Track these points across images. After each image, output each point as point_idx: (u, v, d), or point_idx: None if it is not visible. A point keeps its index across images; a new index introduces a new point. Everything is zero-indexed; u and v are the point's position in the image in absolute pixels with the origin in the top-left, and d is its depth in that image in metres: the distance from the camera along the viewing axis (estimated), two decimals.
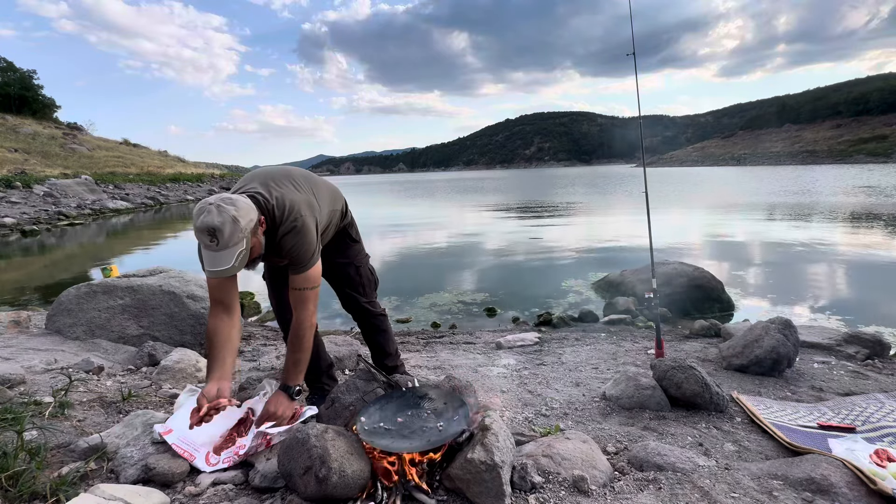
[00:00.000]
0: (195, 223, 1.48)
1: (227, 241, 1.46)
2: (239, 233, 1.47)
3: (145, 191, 26.28)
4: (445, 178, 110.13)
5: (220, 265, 1.48)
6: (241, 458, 1.60)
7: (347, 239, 2.11)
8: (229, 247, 1.47)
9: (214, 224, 1.44)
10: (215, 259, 1.48)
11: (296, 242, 1.64)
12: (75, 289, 3.30)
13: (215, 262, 1.49)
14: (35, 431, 1.68)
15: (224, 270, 1.49)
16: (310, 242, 1.66)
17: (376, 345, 2.29)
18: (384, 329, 2.27)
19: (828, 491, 1.43)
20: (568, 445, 1.63)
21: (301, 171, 1.92)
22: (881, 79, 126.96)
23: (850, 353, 3.01)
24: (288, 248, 1.64)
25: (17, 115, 36.00)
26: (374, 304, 2.23)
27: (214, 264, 1.49)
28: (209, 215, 1.46)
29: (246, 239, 1.50)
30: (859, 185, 23.65)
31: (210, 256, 1.49)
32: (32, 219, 15.00)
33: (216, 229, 1.44)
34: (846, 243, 8.45)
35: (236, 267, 1.50)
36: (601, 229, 11.95)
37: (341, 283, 2.14)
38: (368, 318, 2.22)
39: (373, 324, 2.24)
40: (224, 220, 1.45)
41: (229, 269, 1.49)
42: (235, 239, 1.47)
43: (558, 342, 3.71)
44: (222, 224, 1.44)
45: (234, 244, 1.47)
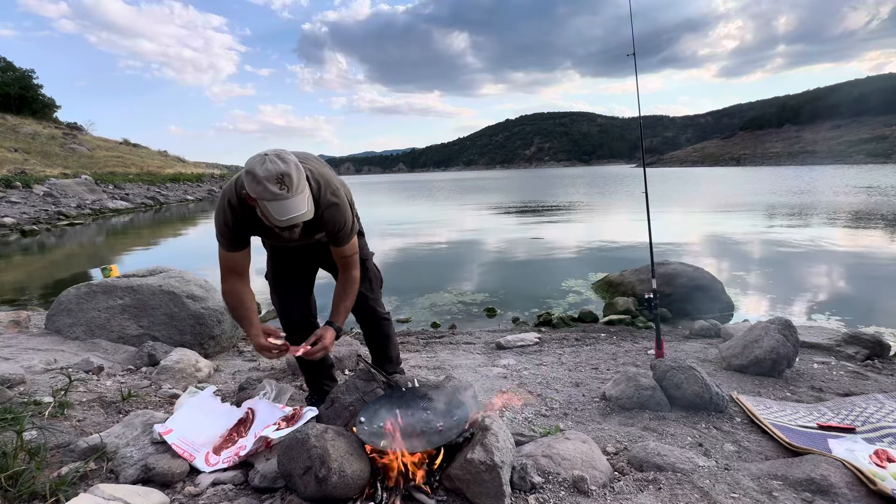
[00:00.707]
0: (256, 172, 1.38)
1: (296, 185, 1.41)
2: (304, 179, 1.45)
3: (145, 191, 26.28)
4: (445, 178, 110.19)
5: (295, 210, 1.42)
6: (241, 459, 1.60)
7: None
8: (300, 192, 1.43)
9: (283, 170, 1.38)
10: (289, 206, 1.41)
11: (336, 214, 1.66)
12: (75, 289, 3.30)
13: (290, 208, 1.41)
14: (35, 431, 1.68)
15: (302, 215, 1.44)
16: (348, 213, 1.70)
17: (379, 349, 2.24)
18: (388, 334, 2.21)
19: (828, 491, 1.43)
20: (568, 446, 1.63)
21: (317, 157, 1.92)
22: (881, 79, 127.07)
23: (850, 354, 3.01)
24: (330, 221, 1.65)
25: (17, 114, 36.00)
26: (380, 304, 2.17)
27: (289, 211, 1.41)
28: (273, 163, 1.39)
29: (309, 185, 1.49)
30: (859, 185, 23.66)
31: (281, 206, 1.41)
32: (32, 219, 15.00)
33: (285, 174, 1.38)
34: (846, 243, 8.45)
35: (310, 212, 1.46)
36: (601, 229, 11.95)
37: None
38: (373, 318, 2.15)
39: (377, 326, 2.18)
40: (289, 166, 1.41)
41: (307, 212, 1.45)
42: (303, 185, 1.44)
43: (558, 342, 3.72)
44: (289, 170, 1.39)
45: (303, 189, 1.44)
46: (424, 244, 10.15)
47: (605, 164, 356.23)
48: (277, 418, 1.78)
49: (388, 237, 11.53)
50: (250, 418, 1.83)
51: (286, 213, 1.42)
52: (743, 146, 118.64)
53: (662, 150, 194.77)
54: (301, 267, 2.02)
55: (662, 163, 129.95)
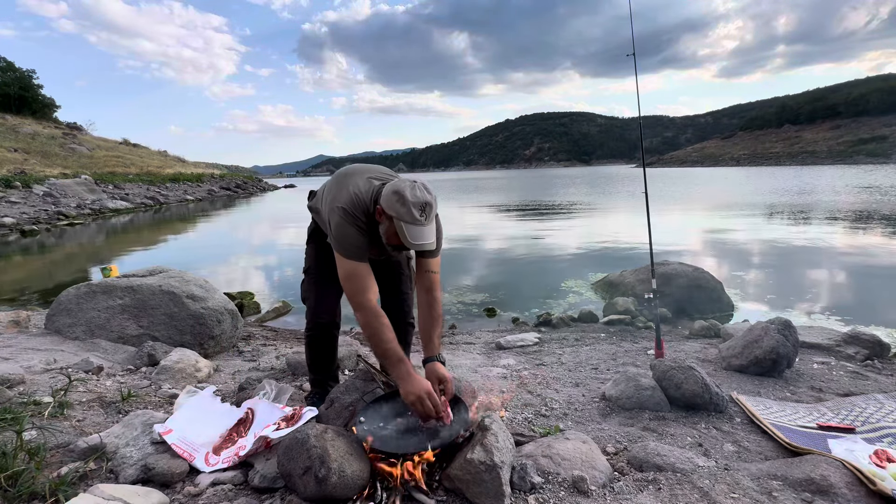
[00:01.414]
0: (407, 196, 1.52)
1: (432, 216, 1.57)
2: (436, 211, 1.60)
3: (145, 191, 26.27)
4: (445, 178, 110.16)
5: (426, 238, 1.56)
6: (241, 459, 1.60)
7: None
8: (432, 223, 1.58)
9: (429, 200, 1.55)
10: (422, 233, 1.55)
11: (439, 231, 1.75)
12: (75, 289, 3.30)
13: (422, 235, 1.55)
14: (34, 431, 1.68)
15: (429, 244, 1.57)
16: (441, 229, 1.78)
17: None
18: (409, 342, 2.18)
19: (827, 491, 1.43)
20: (567, 446, 1.63)
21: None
22: (881, 79, 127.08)
23: (850, 354, 3.01)
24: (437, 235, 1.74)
25: (17, 114, 35.97)
26: (412, 309, 2.14)
27: (421, 238, 1.55)
28: (422, 192, 1.55)
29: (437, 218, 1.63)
30: (859, 185, 23.67)
31: (417, 231, 1.54)
32: (32, 219, 14.99)
33: (429, 205, 1.54)
34: (846, 243, 8.45)
35: (434, 243, 1.60)
36: (601, 229, 11.95)
37: (394, 280, 2.05)
38: (403, 323, 2.11)
39: (403, 331, 2.11)
40: (433, 197, 1.57)
41: (432, 242, 1.58)
42: (434, 216, 1.59)
43: (558, 342, 3.72)
44: (432, 201, 1.55)
45: (433, 222, 1.60)
46: None
47: (605, 164, 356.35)
48: (277, 418, 1.78)
49: None
50: (250, 418, 1.83)
51: (419, 238, 1.56)
52: (743, 146, 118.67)
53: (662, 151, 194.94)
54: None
55: (662, 163, 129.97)
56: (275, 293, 6.19)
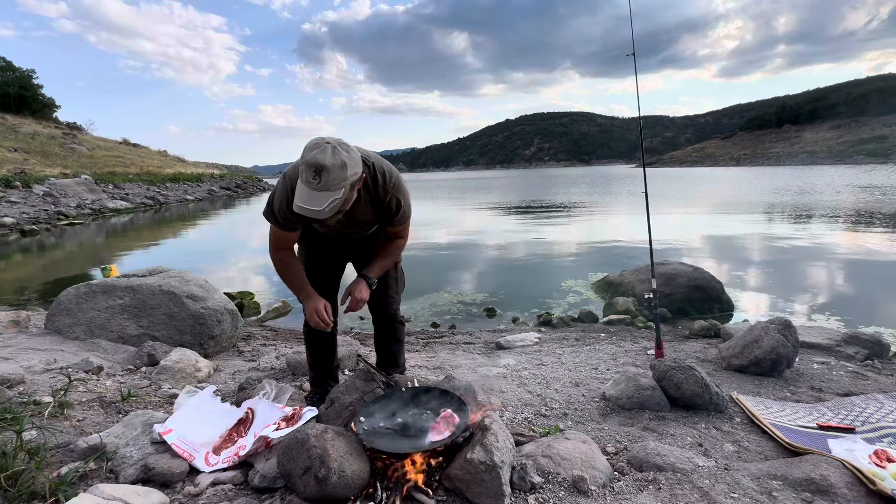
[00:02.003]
0: (305, 156, 1.45)
1: (328, 182, 1.42)
2: (342, 179, 1.45)
3: (145, 190, 26.26)
4: (445, 178, 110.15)
5: (311, 204, 1.44)
6: (241, 459, 1.60)
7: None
8: (328, 189, 1.44)
9: (324, 162, 1.41)
10: (310, 197, 1.45)
11: (402, 199, 1.77)
12: (74, 289, 3.30)
13: (309, 200, 1.45)
14: (34, 431, 1.68)
15: (313, 212, 1.45)
16: (408, 199, 1.83)
17: (389, 353, 2.22)
18: (400, 339, 2.21)
19: (827, 491, 1.44)
20: (567, 446, 1.63)
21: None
22: (881, 79, 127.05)
23: (850, 354, 3.01)
24: (395, 205, 1.77)
25: (17, 114, 35.96)
26: (399, 309, 2.17)
27: (307, 201, 1.45)
28: (322, 153, 1.43)
29: (344, 189, 1.48)
30: (858, 184, 23.67)
31: (306, 193, 1.45)
32: (32, 218, 14.98)
33: (323, 168, 1.41)
34: (846, 243, 8.45)
35: (325, 212, 1.46)
36: (601, 229, 11.95)
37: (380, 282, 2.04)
38: (391, 322, 2.15)
39: (393, 330, 2.17)
40: (335, 161, 1.43)
41: (318, 211, 1.45)
42: (337, 184, 1.44)
43: (558, 342, 3.72)
44: (332, 165, 1.42)
45: (334, 189, 1.45)
46: (424, 244, 10.14)
47: (605, 164, 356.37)
48: (277, 418, 1.78)
49: None
50: (250, 418, 1.83)
51: (305, 200, 1.45)
52: (743, 146, 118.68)
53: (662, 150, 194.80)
54: (333, 264, 2.06)
55: (662, 163, 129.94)
56: (275, 293, 6.18)
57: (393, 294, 2.11)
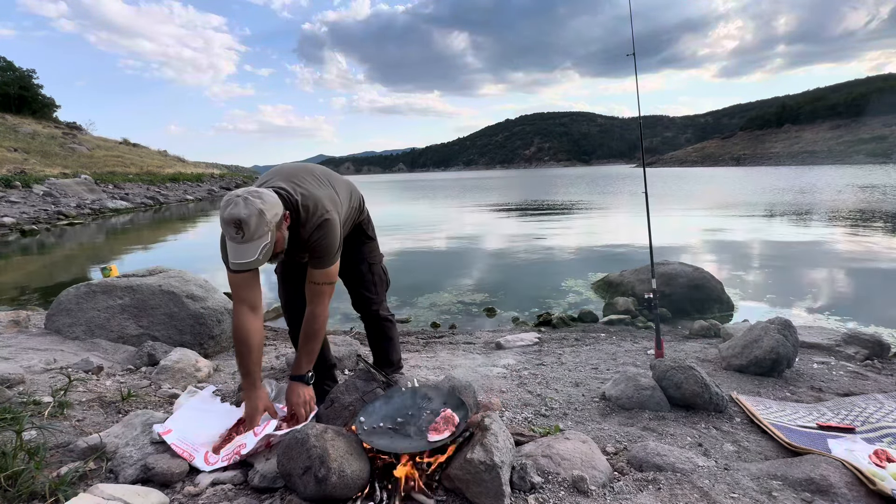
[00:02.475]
0: (222, 214, 1.50)
1: (252, 233, 1.47)
2: (264, 226, 1.48)
3: (145, 190, 26.26)
4: (445, 177, 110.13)
5: (244, 257, 1.49)
6: (241, 458, 1.60)
7: (363, 236, 2.11)
8: (254, 239, 1.48)
9: (241, 216, 1.45)
10: (240, 251, 1.50)
11: (323, 238, 1.67)
12: (74, 288, 3.30)
13: (240, 254, 1.50)
14: (34, 431, 1.68)
15: (248, 263, 1.50)
16: (335, 238, 1.70)
17: (381, 351, 2.26)
18: (390, 336, 2.24)
19: (827, 491, 1.44)
20: (567, 445, 1.63)
21: (321, 167, 1.94)
22: (881, 80, 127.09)
23: (850, 354, 3.01)
24: (314, 244, 1.68)
25: (17, 114, 35.96)
26: (384, 307, 2.20)
27: (239, 256, 1.50)
28: (236, 207, 1.47)
29: (271, 232, 1.51)
30: (858, 184, 23.66)
31: (235, 249, 1.50)
32: (32, 218, 14.99)
33: (242, 221, 1.45)
34: (846, 243, 8.45)
35: (260, 260, 1.51)
36: (601, 229, 11.95)
37: (353, 281, 2.12)
38: (376, 321, 2.19)
39: (380, 328, 2.21)
40: (251, 212, 1.46)
41: (253, 261, 1.50)
42: (260, 232, 1.48)
43: (558, 342, 3.72)
44: (248, 216, 1.45)
45: (259, 237, 1.48)
46: (424, 244, 10.15)
47: (605, 164, 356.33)
48: (278, 417, 1.78)
49: (388, 237, 11.52)
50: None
51: (236, 255, 1.51)
52: (743, 146, 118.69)
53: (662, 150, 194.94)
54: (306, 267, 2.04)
55: (662, 163, 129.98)
56: (274, 293, 6.19)
57: (370, 295, 2.13)
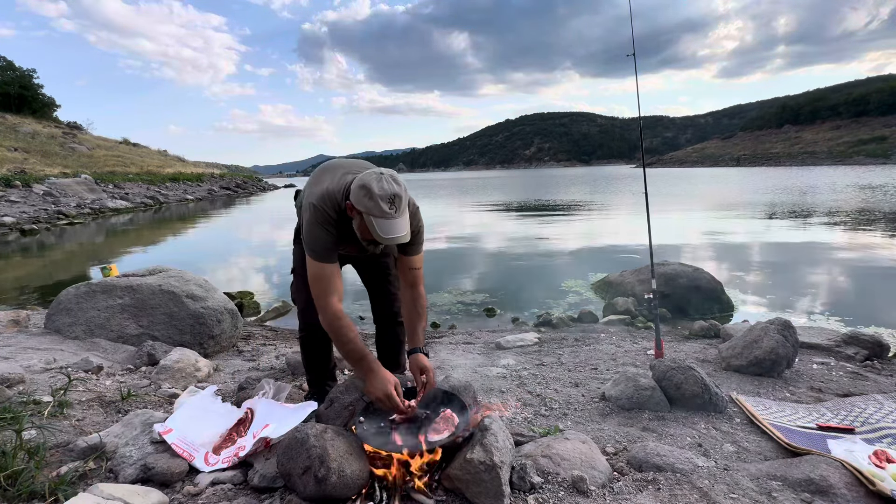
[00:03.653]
0: (374, 190, 1.47)
1: (403, 208, 1.51)
2: (408, 202, 1.55)
3: (145, 190, 26.26)
4: (445, 177, 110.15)
5: (398, 231, 1.50)
6: (240, 459, 1.60)
7: None
8: (404, 215, 1.52)
9: (397, 191, 1.48)
10: (393, 226, 1.50)
11: (419, 222, 1.73)
12: (74, 288, 3.30)
13: (393, 228, 1.50)
14: (34, 431, 1.68)
15: (402, 237, 1.52)
16: (422, 225, 1.78)
17: (391, 354, 2.21)
18: (402, 340, 2.19)
19: (827, 492, 1.44)
20: (567, 446, 1.63)
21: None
22: (881, 80, 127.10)
23: (849, 354, 3.01)
24: (417, 230, 1.71)
25: (17, 114, 35.94)
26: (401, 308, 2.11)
27: (392, 231, 1.50)
28: (389, 184, 1.49)
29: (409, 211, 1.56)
30: (858, 184, 23.67)
31: (388, 224, 1.49)
32: (32, 218, 14.98)
33: (398, 196, 1.48)
34: (846, 244, 8.45)
35: (407, 236, 1.54)
36: (601, 229, 11.95)
37: (380, 279, 2.08)
38: (393, 323, 2.14)
39: (394, 332, 2.17)
40: (402, 188, 1.51)
41: (405, 235, 1.52)
42: (406, 207, 1.54)
43: (558, 343, 3.71)
44: (400, 192, 1.50)
45: (405, 212, 1.53)
46: (424, 244, 10.14)
47: (605, 164, 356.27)
48: (277, 416, 1.78)
49: None
50: (249, 418, 1.83)
51: (391, 231, 1.50)
52: (743, 146, 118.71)
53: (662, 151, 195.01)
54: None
55: (662, 163, 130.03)
56: (274, 293, 6.18)
57: (395, 290, 2.08)
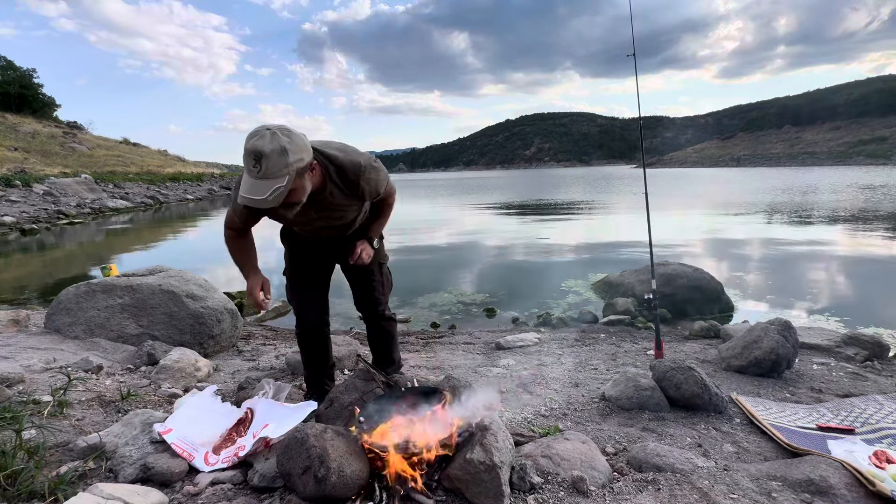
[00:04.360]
0: (245, 144, 1.42)
1: (269, 170, 1.39)
2: (284, 167, 1.40)
3: (145, 190, 26.26)
4: (445, 178, 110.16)
5: (254, 194, 1.41)
6: (240, 459, 1.60)
7: None
8: (269, 177, 1.40)
9: (262, 149, 1.38)
10: (252, 187, 1.42)
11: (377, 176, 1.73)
12: (74, 288, 3.30)
13: (251, 189, 1.42)
14: (34, 430, 1.68)
15: (256, 200, 1.42)
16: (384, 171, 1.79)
17: (382, 351, 2.26)
18: (392, 336, 2.24)
19: (827, 492, 1.44)
20: (567, 446, 1.63)
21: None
22: (881, 81, 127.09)
23: (849, 355, 3.01)
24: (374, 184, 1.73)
25: (17, 113, 35.96)
26: (387, 307, 2.20)
27: (250, 191, 1.42)
28: (261, 139, 1.39)
29: (289, 176, 1.42)
30: (858, 184, 23.66)
31: (248, 183, 1.42)
32: (32, 217, 14.99)
33: (263, 154, 1.37)
34: (845, 244, 8.46)
35: (268, 201, 1.42)
36: (601, 229, 11.96)
37: (361, 281, 2.10)
38: (379, 320, 2.18)
39: (382, 328, 2.21)
40: (274, 147, 1.38)
41: (261, 200, 1.41)
42: (279, 171, 1.40)
43: (558, 343, 3.71)
44: (271, 151, 1.38)
45: (276, 177, 1.40)
46: (424, 244, 10.14)
47: (605, 164, 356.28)
48: (277, 415, 1.77)
49: (388, 236, 11.51)
50: (249, 418, 1.83)
51: (248, 190, 1.43)
52: (743, 147, 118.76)
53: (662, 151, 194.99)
54: (319, 264, 2.06)
55: (662, 163, 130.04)
56: (274, 293, 6.17)
57: (379, 296, 2.14)
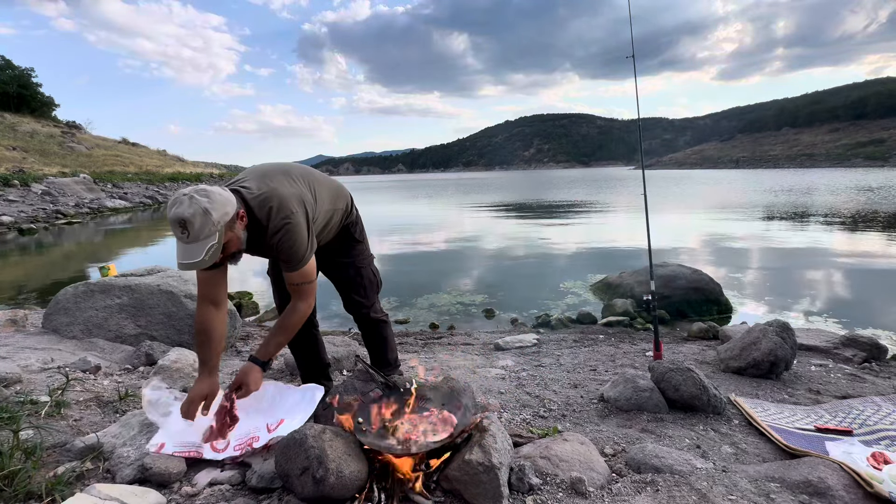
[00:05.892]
0: (168, 214, 1.46)
1: (197, 233, 1.43)
2: (210, 226, 1.44)
3: (144, 190, 26.24)
4: (445, 178, 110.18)
5: (190, 258, 1.46)
6: (254, 451, 1.59)
7: (350, 238, 2.08)
8: (199, 239, 1.44)
9: (185, 215, 1.42)
10: (186, 251, 1.46)
11: (286, 240, 1.62)
12: (72, 288, 3.29)
13: (186, 254, 1.46)
14: (31, 431, 1.67)
15: (194, 263, 1.46)
16: (301, 240, 1.64)
17: (376, 352, 2.24)
18: (385, 336, 2.22)
19: (825, 493, 1.44)
20: (566, 447, 1.63)
21: (302, 167, 1.90)
22: (879, 83, 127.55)
23: (848, 357, 3.02)
24: (279, 247, 1.63)
25: (16, 113, 35.89)
26: (375, 309, 2.17)
27: (185, 257, 1.46)
28: (180, 206, 1.43)
29: (219, 233, 1.47)
30: (857, 186, 23.72)
31: (181, 248, 1.47)
32: (30, 217, 14.96)
33: (186, 221, 1.42)
34: (844, 246, 8.47)
35: (206, 261, 1.46)
36: (600, 231, 11.97)
37: (342, 285, 2.11)
38: (368, 322, 2.17)
39: (372, 329, 2.19)
40: (195, 211, 1.42)
41: (198, 262, 1.46)
42: (206, 231, 1.44)
43: (556, 344, 3.72)
44: (193, 216, 1.42)
45: (205, 237, 1.44)
46: (423, 244, 10.15)
47: (604, 165, 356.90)
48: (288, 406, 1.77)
49: (387, 237, 11.53)
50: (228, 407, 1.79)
51: (182, 256, 1.47)
52: (741, 148, 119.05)
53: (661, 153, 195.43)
54: None
55: (661, 165, 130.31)
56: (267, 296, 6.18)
57: (360, 299, 2.11)
